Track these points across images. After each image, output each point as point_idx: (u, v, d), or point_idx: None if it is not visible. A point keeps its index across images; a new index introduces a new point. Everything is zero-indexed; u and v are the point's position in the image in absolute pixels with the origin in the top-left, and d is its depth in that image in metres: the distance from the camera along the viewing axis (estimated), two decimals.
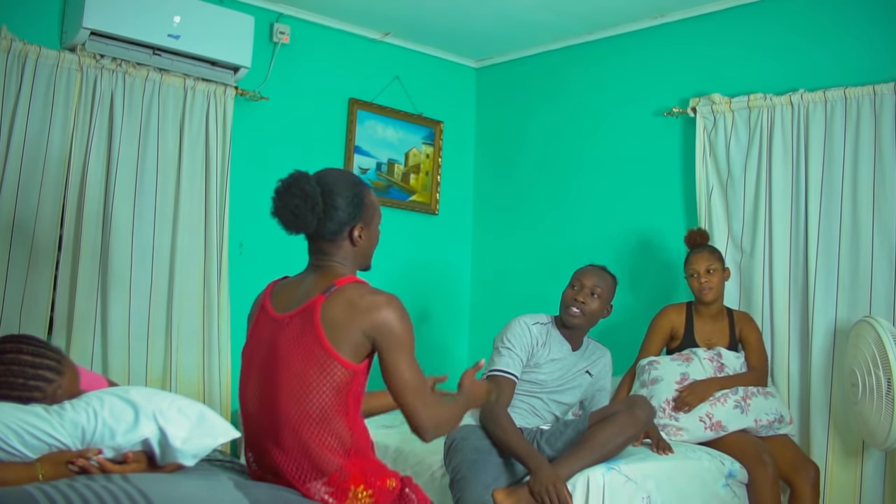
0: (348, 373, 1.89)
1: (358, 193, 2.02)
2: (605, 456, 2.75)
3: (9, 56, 3.36)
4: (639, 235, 4.20)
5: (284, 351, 1.93)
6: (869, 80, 3.40)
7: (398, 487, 1.99)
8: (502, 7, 4.15)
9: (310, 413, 1.88)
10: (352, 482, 1.91)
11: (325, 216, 1.97)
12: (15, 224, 3.39)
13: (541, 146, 4.71)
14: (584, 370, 3.07)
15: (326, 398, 1.88)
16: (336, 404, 1.89)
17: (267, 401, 1.95)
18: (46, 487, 1.56)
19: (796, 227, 3.57)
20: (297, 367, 1.90)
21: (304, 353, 1.90)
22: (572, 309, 2.98)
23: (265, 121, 4.19)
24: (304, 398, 1.89)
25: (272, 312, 2.02)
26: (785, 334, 3.56)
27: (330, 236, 2.00)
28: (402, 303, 1.96)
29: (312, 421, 1.89)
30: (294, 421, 1.89)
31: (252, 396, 2.01)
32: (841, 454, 3.36)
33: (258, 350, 2.02)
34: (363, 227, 2.04)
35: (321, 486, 1.90)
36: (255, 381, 2.01)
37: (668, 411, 3.24)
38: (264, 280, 2.26)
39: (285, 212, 1.96)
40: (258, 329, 2.05)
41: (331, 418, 1.89)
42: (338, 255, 2.03)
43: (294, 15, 4.27)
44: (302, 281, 2.04)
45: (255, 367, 2.02)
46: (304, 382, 1.89)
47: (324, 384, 1.88)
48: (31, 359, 1.86)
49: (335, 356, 1.88)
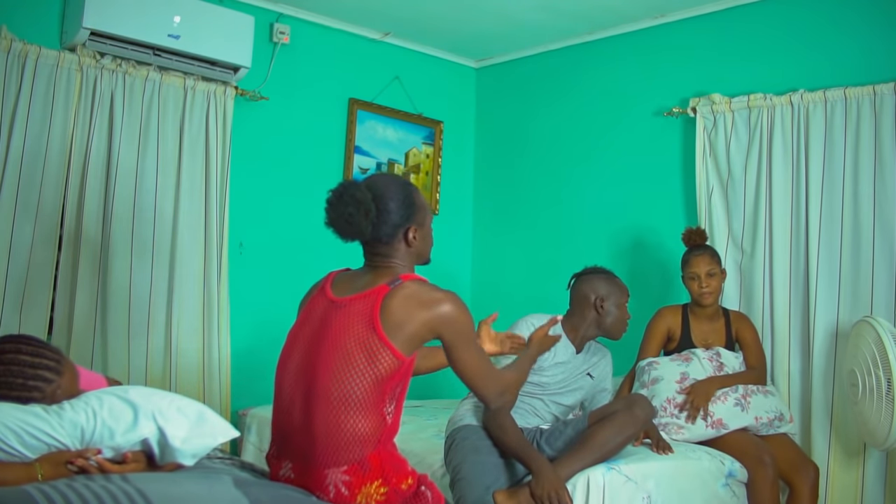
0: (395, 363, 1.93)
1: (408, 195, 2.06)
2: (605, 455, 2.74)
3: (9, 56, 3.36)
4: (639, 235, 4.20)
5: (336, 330, 1.96)
6: (869, 80, 3.40)
7: (413, 487, 2.00)
8: (502, 7, 4.15)
9: (349, 395, 1.91)
10: (369, 477, 1.91)
11: (379, 221, 2.01)
12: (15, 224, 3.39)
13: (541, 146, 4.71)
14: (586, 372, 3.06)
15: (368, 384, 1.91)
16: (375, 392, 1.92)
17: (307, 378, 1.97)
18: (45, 487, 1.56)
19: (796, 227, 3.57)
20: (345, 348, 1.93)
21: (356, 336, 1.93)
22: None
23: (265, 121, 4.19)
24: (346, 379, 1.91)
25: (330, 295, 2.05)
26: (785, 335, 3.55)
27: (386, 239, 2.04)
28: (460, 298, 2.03)
29: (349, 404, 1.90)
30: (331, 401, 1.91)
31: (291, 373, 2.02)
32: (842, 455, 3.35)
33: (307, 327, 2.04)
34: (417, 228, 2.08)
35: (339, 473, 1.91)
36: (297, 357, 2.02)
37: (670, 410, 3.24)
38: (264, 280, 2.27)
39: (339, 220, 1.99)
40: (312, 308, 2.07)
41: (367, 405, 1.91)
42: (395, 256, 2.07)
43: (294, 15, 4.28)
44: (364, 274, 2.08)
45: (299, 344, 2.04)
46: (349, 364, 1.91)
47: (368, 369, 1.91)
48: (31, 359, 1.85)
49: (387, 344, 1.92)
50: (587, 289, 3.02)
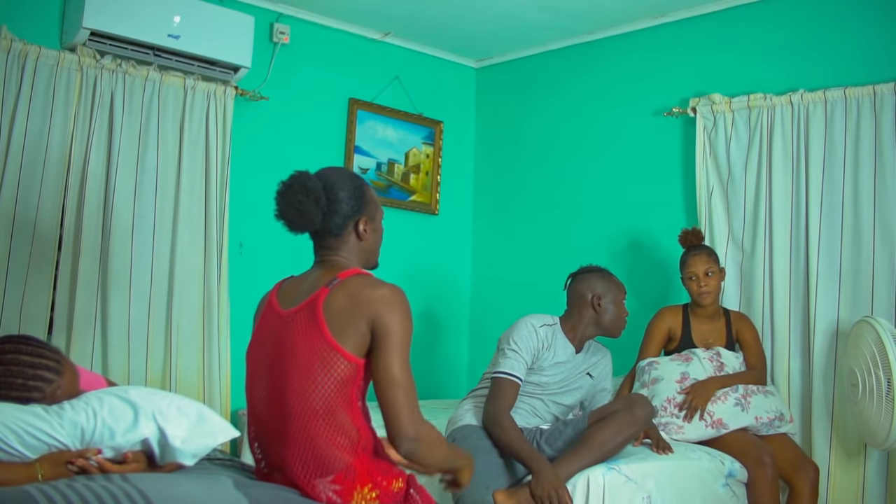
0: (351, 366, 1.87)
1: (358, 187, 2.03)
2: (605, 455, 2.74)
3: (9, 56, 3.36)
4: (639, 235, 4.20)
5: (290, 346, 1.92)
6: (869, 80, 3.40)
7: (404, 488, 1.98)
8: (502, 7, 4.15)
9: (315, 408, 1.87)
10: (358, 482, 1.89)
11: (329, 210, 1.97)
12: (15, 224, 3.39)
13: (541, 146, 4.71)
14: (586, 372, 3.07)
15: (330, 392, 1.86)
16: (341, 399, 1.88)
17: (274, 398, 1.94)
18: (45, 487, 1.56)
19: (797, 227, 3.57)
20: (302, 362, 1.89)
21: (309, 348, 1.89)
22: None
23: (265, 121, 4.19)
24: (309, 393, 1.87)
25: (277, 309, 2.01)
26: (785, 334, 3.55)
27: (336, 230, 2.00)
28: (405, 296, 1.93)
29: (318, 416, 1.87)
30: (301, 416, 1.88)
31: (259, 394, 2.00)
32: (842, 455, 3.35)
33: (264, 347, 2.01)
34: (368, 221, 2.04)
35: (327, 483, 1.89)
36: (262, 378, 1.99)
37: (670, 409, 3.24)
38: (264, 280, 2.26)
39: (289, 210, 1.96)
40: (264, 326, 2.03)
41: (336, 413, 1.88)
42: (344, 250, 2.03)
43: (294, 15, 4.28)
44: (307, 277, 2.04)
45: (261, 365, 2.00)
46: (309, 377, 1.87)
47: (328, 378, 1.87)
48: (31, 359, 1.85)
49: (338, 349, 1.86)
50: (584, 287, 3.02)
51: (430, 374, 4.71)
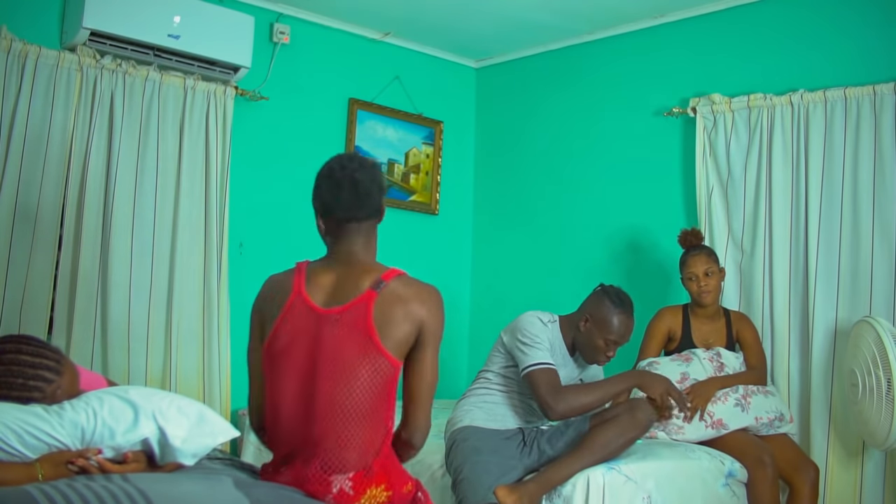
0: (393, 370, 1.91)
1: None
2: (606, 457, 2.74)
3: (9, 56, 3.36)
4: (638, 235, 4.20)
5: (334, 348, 1.90)
6: (869, 80, 3.40)
7: (413, 491, 2.00)
8: (502, 7, 4.15)
9: (356, 410, 1.88)
10: (374, 481, 1.90)
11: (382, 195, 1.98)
12: (15, 224, 3.39)
13: (541, 146, 4.71)
14: (578, 378, 3.04)
15: (373, 395, 1.89)
16: (380, 401, 1.90)
17: (306, 396, 1.91)
18: (46, 487, 1.56)
19: (796, 227, 3.57)
20: (347, 365, 1.88)
21: (356, 351, 1.89)
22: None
23: (265, 121, 4.19)
24: (353, 395, 1.88)
25: (315, 307, 1.94)
26: (785, 334, 3.55)
27: (378, 217, 2.00)
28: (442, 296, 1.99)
29: (358, 418, 1.88)
30: (338, 417, 1.88)
31: (286, 390, 1.94)
32: (841, 455, 3.35)
33: (297, 344, 1.93)
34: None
35: (345, 479, 1.89)
36: (291, 376, 1.93)
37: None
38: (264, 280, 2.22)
39: (358, 194, 1.92)
40: (297, 323, 1.94)
41: (374, 415, 1.90)
42: (371, 243, 2.02)
43: (294, 15, 4.28)
44: (342, 273, 1.98)
45: (292, 362, 1.93)
46: (354, 379, 1.88)
47: (372, 381, 1.89)
48: (31, 359, 1.85)
49: (384, 353, 1.89)
50: (591, 303, 2.94)
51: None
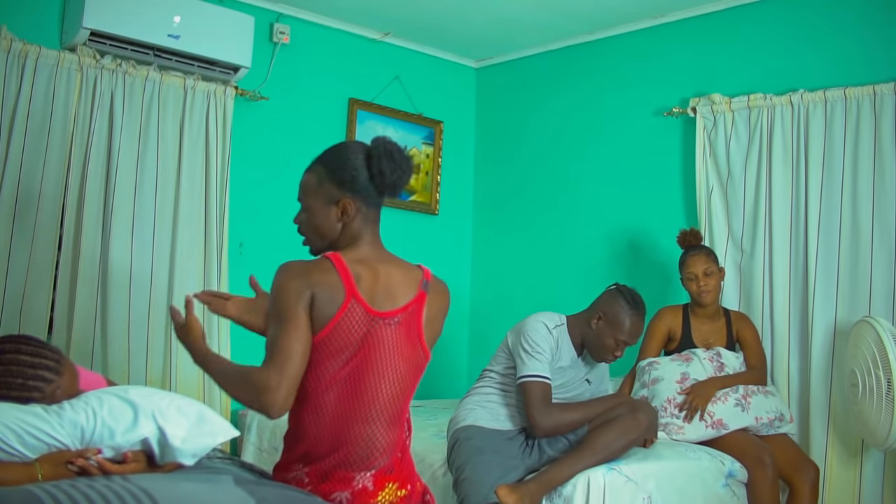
0: (425, 365, 1.96)
1: None
2: (607, 458, 2.74)
3: (9, 56, 3.36)
4: (638, 235, 4.20)
5: (388, 353, 1.85)
6: (869, 80, 3.40)
7: (422, 491, 2.01)
8: (502, 7, 4.15)
9: (401, 410, 1.91)
10: (392, 479, 1.90)
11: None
12: (15, 224, 3.39)
13: (541, 146, 4.71)
14: (584, 378, 3.04)
15: (411, 395, 1.93)
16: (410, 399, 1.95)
17: (353, 396, 1.84)
18: (50, 488, 1.56)
19: (796, 227, 3.57)
20: (400, 371, 1.88)
21: (409, 356, 1.90)
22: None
23: (265, 121, 4.19)
24: (405, 396, 1.91)
25: (370, 309, 1.84)
26: (785, 334, 3.55)
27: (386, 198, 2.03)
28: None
29: (398, 417, 1.90)
30: (385, 417, 1.87)
31: (333, 390, 1.84)
32: (841, 454, 3.35)
33: (347, 346, 1.83)
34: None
35: (368, 475, 1.87)
36: (341, 375, 1.83)
37: (670, 410, 3.24)
38: (264, 280, 2.19)
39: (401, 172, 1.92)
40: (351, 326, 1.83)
41: (404, 414, 1.93)
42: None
43: (294, 15, 4.28)
44: (378, 269, 1.92)
45: (344, 363, 1.83)
46: (404, 385, 1.90)
47: (416, 383, 1.93)
48: (30, 359, 1.85)
49: (426, 351, 1.93)
50: (603, 302, 2.93)
51: (429, 374, 4.63)
